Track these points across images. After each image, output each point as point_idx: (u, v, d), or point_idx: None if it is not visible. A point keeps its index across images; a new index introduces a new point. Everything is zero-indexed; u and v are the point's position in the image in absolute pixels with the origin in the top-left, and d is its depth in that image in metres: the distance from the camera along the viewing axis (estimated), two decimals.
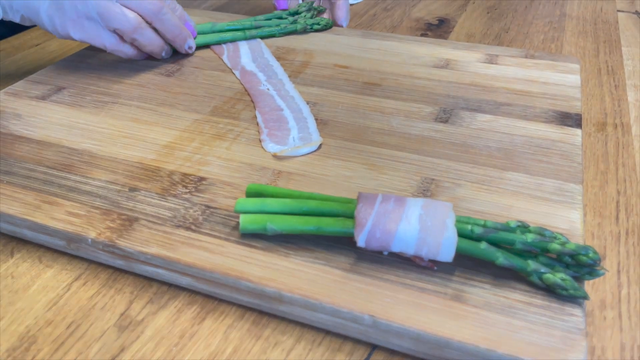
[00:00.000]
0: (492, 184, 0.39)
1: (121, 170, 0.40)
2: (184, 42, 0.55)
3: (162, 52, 0.54)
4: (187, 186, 0.39)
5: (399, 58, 0.57)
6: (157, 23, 0.52)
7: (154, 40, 0.52)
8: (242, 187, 0.39)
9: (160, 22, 0.52)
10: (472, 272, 0.32)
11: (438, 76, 0.54)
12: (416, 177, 0.40)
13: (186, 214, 0.36)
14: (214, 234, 0.34)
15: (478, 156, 0.42)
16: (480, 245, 0.31)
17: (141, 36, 0.51)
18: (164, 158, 0.42)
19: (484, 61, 0.57)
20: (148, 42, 0.52)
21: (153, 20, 0.51)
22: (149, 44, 0.52)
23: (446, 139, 0.44)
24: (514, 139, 0.44)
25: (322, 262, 0.33)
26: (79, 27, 0.48)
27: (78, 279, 0.34)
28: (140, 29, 0.50)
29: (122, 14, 0.48)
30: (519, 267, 0.31)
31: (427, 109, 0.48)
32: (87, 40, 0.49)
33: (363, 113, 0.48)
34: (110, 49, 0.50)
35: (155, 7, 0.50)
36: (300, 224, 0.33)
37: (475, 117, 0.47)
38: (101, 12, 0.48)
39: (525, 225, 0.33)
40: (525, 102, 0.49)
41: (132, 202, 0.37)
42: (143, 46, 0.52)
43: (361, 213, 0.32)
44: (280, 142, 0.43)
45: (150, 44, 0.52)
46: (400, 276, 0.32)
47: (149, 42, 0.52)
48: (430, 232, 0.31)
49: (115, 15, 0.48)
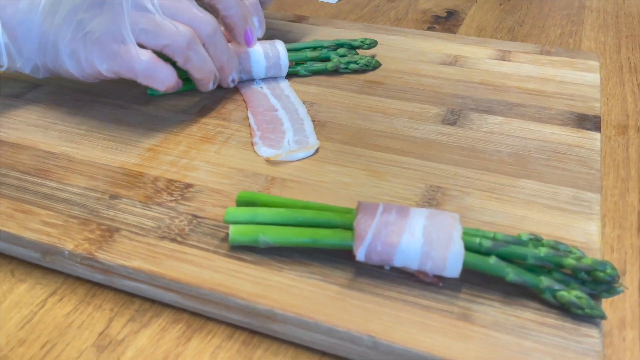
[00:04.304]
0: (503, 192, 0.39)
1: (101, 176, 0.40)
2: (230, 73, 0.49)
3: (212, 79, 0.47)
4: (173, 194, 0.39)
5: (404, 54, 0.57)
6: (209, 46, 0.45)
7: (207, 64, 0.45)
8: (232, 194, 0.39)
9: (214, 44, 0.45)
10: (481, 289, 0.32)
11: (445, 74, 0.54)
12: (421, 185, 0.40)
13: (171, 224, 0.36)
14: (201, 246, 0.34)
15: (488, 162, 0.42)
16: (489, 259, 0.31)
17: (196, 55, 0.44)
18: (147, 163, 0.42)
19: (495, 58, 0.57)
20: (201, 65, 0.45)
21: (207, 40, 0.44)
22: (201, 68, 0.45)
23: (454, 143, 0.44)
24: (527, 143, 0.44)
25: (318, 277, 0.33)
26: (107, 55, 0.42)
27: (54, 295, 0.34)
28: (196, 44, 0.43)
29: (174, 26, 0.42)
30: (530, 283, 0.31)
31: (433, 110, 0.48)
32: (118, 70, 0.42)
33: (364, 114, 0.48)
34: (143, 74, 0.42)
35: (211, 27, 0.44)
36: (294, 236, 0.33)
37: (485, 119, 0.47)
38: (147, 28, 0.41)
39: (538, 238, 0.33)
40: (539, 103, 0.49)
41: (113, 211, 0.37)
42: (194, 69, 0.45)
43: (361, 224, 0.32)
44: (274, 145, 0.43)
45: (203, 68, 0.45)
46: (402, 293, 0.32)
47: (202, 64, 0.45)
48: (436, 246, 0.31)
49: (165, 28, 0.42)
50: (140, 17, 0.41)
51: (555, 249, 0.32)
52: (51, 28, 0.43)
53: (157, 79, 0.43)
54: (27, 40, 0.44)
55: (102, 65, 0.42)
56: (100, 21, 0.41)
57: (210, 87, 0.47)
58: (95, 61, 0.42)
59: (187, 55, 0.43)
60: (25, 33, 0.44)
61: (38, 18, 0.43)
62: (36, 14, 0.43)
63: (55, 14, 0.43)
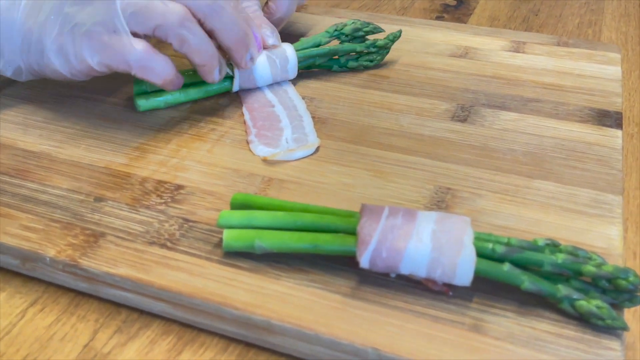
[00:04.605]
0: (517, 194, 0.39)
1: (85, 176, 0.40)
2: (246, 50, 0.45)
3: (216, 65, 0.44)
4: (162, 196, 0.39)
5: (410, 45, 0.57)
6: (211, 20, 0.42)
7: (205, 44, 0.43)
8: (226, 197, 0.39)
9: (216, 17, 0.43)
10: (494, 298, 0.32)
11: (455, 67, 0.54)
12: (429, 186, 0.40)
13: (161, 228, 0.36)
14: (193, 253, 0.35)
15: (501, 161, 0.42)
16: (502, 266, 0.32)
17: (190, 33, 0.41)
18: (135, 162, 0.42)
19: (509, 49, 0.57)
20: (199, 46, 0.42)
21: (206, 15, 0.42)
22: (199, 49, 0.42)
23: (464, 141, 0.44)
24: (544, 141, 0.44)
25: (319, 285, 0.33)
26: (98, 47, 0.41)
27: (34, 305, 0.34)
28: (190, 22, 0.41)
29: (164, 4, 0.41)
30: (547, 292, 0.31)
31: (442, 105, 0.49)
32: (110, 63, 0.41)
33: (368, 110, 0.48)
34: (137, 64, 0.41)
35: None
36: (293, 241, 0.33)
37: (498, 116, 0.47)
38: (135, 11, 0.40)
39: (556, 243, 0.33)
40: (556, 98, 0.49)
41: (98, 215, 0.37)
42: (192, 53, 0.42)
43: (365, 228, 0.32)
44: (271, 144, 0.43)
45: (202, 50, 0.42)
46: (409, 302, 0.32)
47: (200, 45, 0.42)
48: (445, 252, 0.31)
49: (155, 7, 0.40)
50: (129, 1, 0.40)
51: (574, 255, 0.32)
52: (35, 25, 0.42)
53: (152, 70, 0.42)
54: (8, 40, 0.44)
55: (93, 59, 0.41)
56: (89, 12, 0.41)
57: (215, 76, 0.45)
58: (86, 55, 0.41)
59: (181, 35, 0.41)
60: (6, 32, 0.43)
61: (20, 16, 0.43)
62: (17, 11, 0.43)
63: (39, 10, 0.42)
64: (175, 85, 0.44)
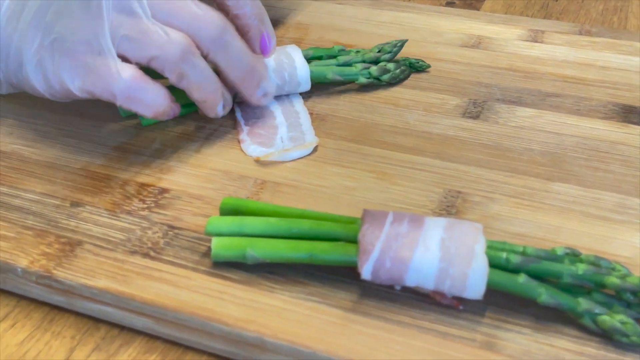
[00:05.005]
0: (534, 198, 0.39)
1: (60, 179, 0.41)
2: (256, 86, 0.44)
3: (219, 100, 0.43)
4: (145, 200, 0.39)
5: (417, 34, 0.57)
6: (215, 54, 0.41)
7: (208, 80, 0.41)
8: (215, 201, 0.39)
9: (223, 50, 0.41)
10: (508, 312, 0.32)
11: (467, 58, 0.54)
12: (438, 190, 0.40)
13: (143, 236, 0.36)
14: (178, 263, 0.35)
15: (517, 162, 0.42)
16: (518, 278, 0.32)
17: (193, 69, 0.40)
18: (115, 163, 0.42)
19: (526, 39, 0.57)
20: (200, 82, 0.41)
21: (209, 50, 0.40)
22: (201, 85, 0.41)
23: (477, 140, 0.44)
24: (564, 140, 0.44)
25: (317, 299, 0.33)
26: (80, 69, 0.38)
27: (5, 320, 0.34)
28: (192, 55, 0.39)
29: (164, 33, 0.38)
30: (567, 306, 0.31)
31: (452, 100, 0.49)
32: (92, 90, 0.39)
33: (371, 106, 0.48)
34: (123, 95, 0.39)
35: (217, 27, 0.40)
36: (288, 250, 0.33)
37: (514, 112, 0.47)
38: (130, 35, 0.38)
39: (576, 252, 0.33)
40: (578, 93, 0.49)
41: (75, 221, 0.37)
42: (192, 88, 0.41)
43: (367, 236, 0.32)
44: (265, 143, 0.44)
45: (204, 86, 0.41)
46: (415, 317, 0.32)
47: (202, 80, 0.41)
48: (455, 262, 0.31)
49: (152, 35, 0.38)
50: (123, 21, 0.38)
51: (596, 266, 0.32)
52: (15, 32, 0.40)
53: (142, 101, 0.39)
54: None
55: (73, 83, 0.39)
56: (72, 25, 0.38)
57: (219, 111, 0.43)
58: (65, 77, 0.39)
59: (181, 70, 0.39)
60: None
61: (1, 18, 0.40)
62: None
63: (21, 14, 0.39)
64: (169, 116, 0.42)
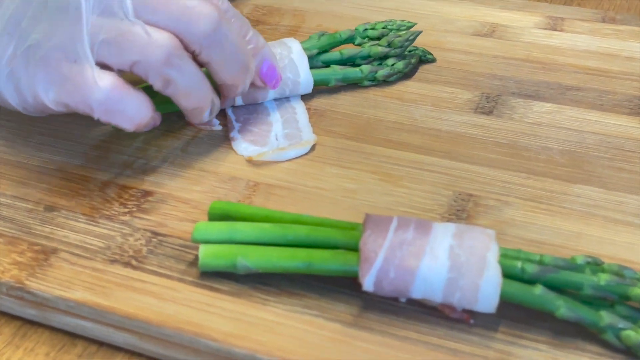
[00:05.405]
0: (552, 202, 0.39)
1: (34, 181, 0.41)
2: (242, 85, 0.43)
3: (208, 106, 0.41)
4: (127, 204, 0.39)
5: (425, 22, 0.57)
6: (208, 52, 0.39)
7: (197, 85, 0.40)
8: (203, 205, 0.39)
9: (217, 49, 0.40)
10: (523, 327, 0.32)
11: (480, 48, 0.54)
12: (447, 192, 0.40)
13: (124, 243, 0.36)
14: (163, 273, 0.35)
15: (534, 162, 0.42)
16: (534, 289, 0.32)
17: (177, 72, 0.38)
18: (94, 164, 0.42)
19: (544, 27, 0.57)
20: (189, 88, 0.39)
21: (203, 47, 0.39)
22: (189, 92, 0.40)
23: (490, 138, 0.44)
24: (585, 137, 0.44)
25: (314, 312, 0.33)
26: (55, 79, 0.37)
27: None
28: (179, 58, 0.38)
29: (146, 34, 0.37)
30: (588, 320, 0.31)
31: (463, 95, 0.49)
32: (67, 102, 0.38)
33: (374, 101, 0.48)
34: (101, 107, 0.37)
35: (210, 22, 0.39)
36: (283, 259, 0.33)
37: (530, 107, 0.47)
38: (109, 38, 0.37)
39: (598, 261, 0.33)
40: (601, 86, 0.49)
41: (49, 227, 0.37)
42: (180, 95, 0.39)
43: (369, 244, 0.32)
44: (258, 141, 0.44)
45: (193, 93, 0.40)
46: (422, 333, 0.32)
47: (190, 86, 0.39)
48: (465, 272, 0.31)
49: (133, 37, 0.37)
50: (102, 24, 0.37)
51: (620, 276, 0.32)
52: None
53: (122, 114, 0.38)
54: None
55: (47, 94, 0.38)
56: (48, 30, 0.37)
57: (205, 117, 0.42)
58: (39, 88, 0.37)
59: (167, 76, 0.38)
60: None
61: None
62: None
63: None
64: (151, 127, 0.41)
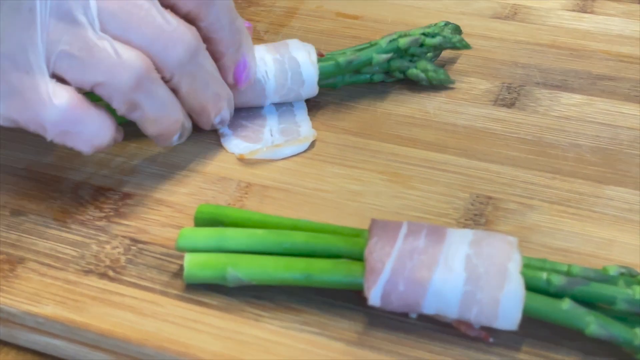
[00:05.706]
0: (582, 205, 0.39)
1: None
2: (216, 113, 0.43)
3: (175, 132, 0.41)
4: (103, 208, 0.39)
5: (439, 2, 0.58)
6: (180, 79, 0.39)
7: (169, 111, 0.40)
8: (189, 209, 0.39)
9: (191, 75, 0.40)
10: (549, 346, 0.32)
11: (500, 32, 0.54)
12: (463, 195, 0.40)
13: (100, 252, 0.36)
14: (143, 285, 0.35)
15: (561, 161, 0.42)
16: (561, 304, 0.31)
17: (148, 98, 0.38)
18: (67, 162, 0.42)
19: (572, 8, 0.57)
20: (157, 114, 0.39)
21: (176, 72, 0.39)
22: (157, 118, 0.39)
23: (511, 134, 0.44)
24: (618, 133, 0.44)
25: (314, 330, 0.33)
26: (4, 91, 0.36)
27: None
28: (150, 82, 0.38)
29: (114, 52, 0.36)
30: (621, 338, 0.31)
31: (481, 84, 0.49)
32: (17, 118, 0.37)
33: (381, 92, 0.48)
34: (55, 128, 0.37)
35: (186, 46, 0.38)
36: (279, 270, 0.33)
37: (557, 99, 0.47)
38: (71, 51, 0.36)
39: (633, 272, 0.33)
40: (635, 75, 0.49)
41: (16, 233, 0.37)
42: (146, 121, 0.39)
43: (375, 252, 0.32)
44: (251, 137, 0.44)
45: (161, 119, 0.39)
46: (436, 352, 0.32)
47: (159, 112, 0.39)
48: (484, 284, 0.31)
49: (100, 54, 0.36)
50: (63, 32, 0.36)
51: None
52: None
53: (79, 136, 0.37)
54: None
55: None
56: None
57: (174, 141, 0.41)
58: None
59: (134, 101, 0.38)
60: None
61: None
62: None
63: None
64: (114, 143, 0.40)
